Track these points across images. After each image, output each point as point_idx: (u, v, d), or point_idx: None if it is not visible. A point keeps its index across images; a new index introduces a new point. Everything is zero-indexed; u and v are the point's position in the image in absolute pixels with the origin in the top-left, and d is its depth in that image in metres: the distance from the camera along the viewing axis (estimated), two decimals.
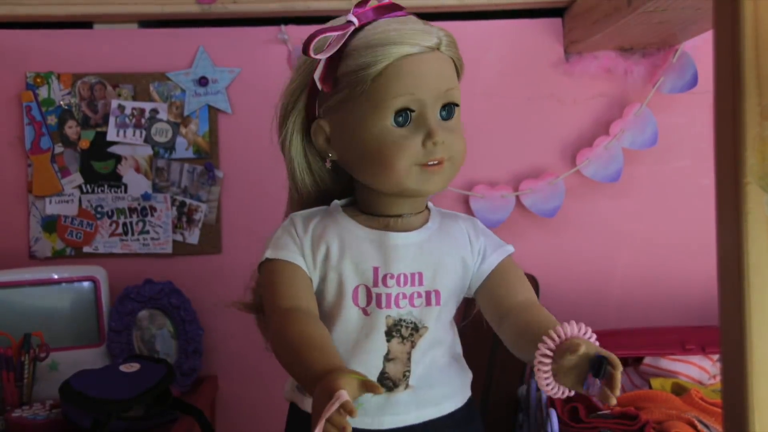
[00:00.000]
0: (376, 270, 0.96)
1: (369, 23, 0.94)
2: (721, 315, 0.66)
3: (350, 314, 0.96)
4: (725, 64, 0.63)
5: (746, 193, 0.62)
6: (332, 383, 0.78)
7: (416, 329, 0.97)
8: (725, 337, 0.66)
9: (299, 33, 1.65)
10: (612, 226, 1.69)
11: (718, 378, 1.43)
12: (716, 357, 1.43)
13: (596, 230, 1.69)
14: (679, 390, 1.38)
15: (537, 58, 1.67)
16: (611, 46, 1.62)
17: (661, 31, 1.46)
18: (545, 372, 0.84)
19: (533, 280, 1.59)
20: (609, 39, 1.54)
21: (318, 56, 0.93)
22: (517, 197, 1.65)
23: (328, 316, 0.98)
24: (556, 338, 0.84)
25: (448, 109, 0.96)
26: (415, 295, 0.97)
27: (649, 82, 1.64)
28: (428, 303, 0.97)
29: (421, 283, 0.97)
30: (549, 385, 0.85)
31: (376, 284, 0.96)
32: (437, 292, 0.98)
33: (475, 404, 1.05)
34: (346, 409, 0.75)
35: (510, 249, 1.03)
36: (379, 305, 0.96)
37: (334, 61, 0.94)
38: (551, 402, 1.33)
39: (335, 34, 0.93)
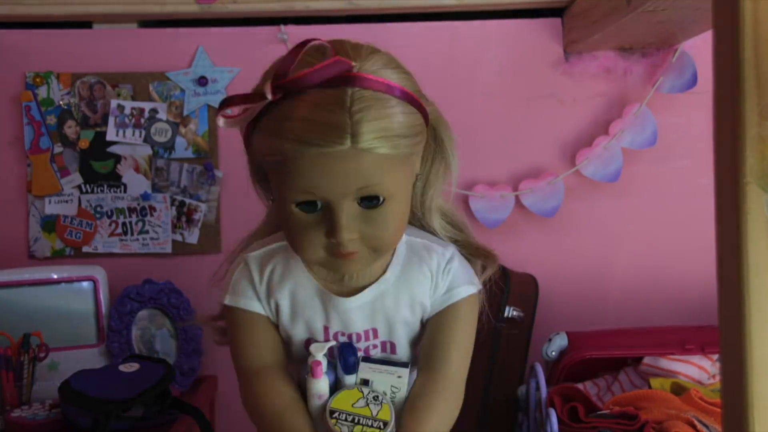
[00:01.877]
0: (326, 329, 0.95)
1: (288, 95, 0.80)
2: (720, 315, 0.66)
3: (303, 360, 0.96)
4: (725, 64, 0.63)
5: (746, 193, 0.62)
6: None
7: None
8: (725, 336, 0.65)
9: (299, 33, 1.65)
10: (611, 225, 1.69)
11: (718, 378, 1.43)
12: (716, 357, 1.43)
13: (596, 230, 1.69)
14: (679, 390, 1.38)
15: (536, 58, 1.67)
16: (611, 46, 1.62)
17: (660, 30, 1.46)
18: None
19: (533, 280, 1.59)
20: (608, 39, 1.54)
21: (223, 125, 0.86)
22: (517, 197, 1.65)
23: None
24: None
25: (370, 199, 0.84)
26: (371, 347, 0.96)
27: (648, 82, 1.64)
28: (384, 351, 0.96)
29: (375, 336, 0.95)
30: None
31: (327, 340, 0.95)
32: (392, 344, 0.96)
33: None
34: None
35: (468, 291, 0.96)
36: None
37: (251, 125, 0.85)
38: (551, 402, 1.33)
39: (249, 105, 0.83)
